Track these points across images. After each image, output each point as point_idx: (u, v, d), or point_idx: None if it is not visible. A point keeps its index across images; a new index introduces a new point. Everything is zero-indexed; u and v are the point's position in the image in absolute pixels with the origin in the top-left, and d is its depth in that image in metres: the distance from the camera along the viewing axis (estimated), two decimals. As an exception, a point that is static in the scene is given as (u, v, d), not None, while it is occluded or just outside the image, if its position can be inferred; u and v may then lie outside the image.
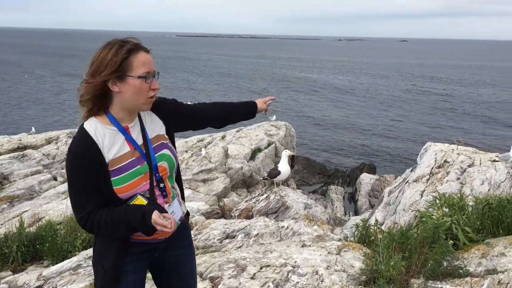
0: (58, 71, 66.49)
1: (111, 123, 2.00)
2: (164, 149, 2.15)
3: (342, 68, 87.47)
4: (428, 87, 57.78)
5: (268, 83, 60.02)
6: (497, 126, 34.04)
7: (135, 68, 1.93)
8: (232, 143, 14.49)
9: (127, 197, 2.00)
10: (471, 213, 4.30)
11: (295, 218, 6.96)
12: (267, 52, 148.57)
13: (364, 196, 15.80)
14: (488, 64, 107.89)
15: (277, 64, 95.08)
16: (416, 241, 3.76)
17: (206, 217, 7.84)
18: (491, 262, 3.60)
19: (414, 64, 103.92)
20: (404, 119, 36.76)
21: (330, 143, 28.89)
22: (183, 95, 47.03)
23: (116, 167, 1.96)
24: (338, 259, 3.97)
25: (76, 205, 1.97)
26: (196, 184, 11.52)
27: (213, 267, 4.02)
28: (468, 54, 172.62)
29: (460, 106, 42.84)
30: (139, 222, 1.93)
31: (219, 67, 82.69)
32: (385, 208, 9.03)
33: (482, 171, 7.93)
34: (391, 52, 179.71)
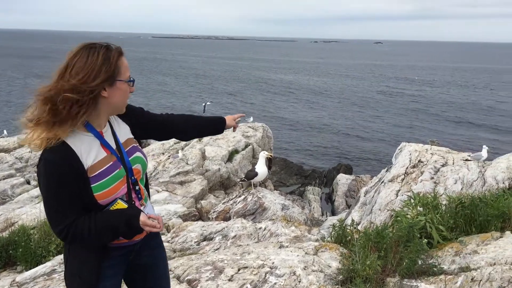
0: (27, 72, 65.19)
1: (86, 129, 1.95)
2: (137, 152, 2.16)
3: (317, 70, 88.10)
4: (402, 89, 58.66)
5: (244, 85, 59.99)
6: (469, 127, 34.78)
7: (122, 72, 1.93)
8: (209, 145, 14.44)
9: (108, 203, 1.97)
10: (445, 212, 4.38)
11: (273, 219, 6.98)
12: (243, 54, 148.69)
13: (340, 197, 15.94)
14: (461, 65, 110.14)
15: (254, 65, 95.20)
16: (391, 240, 3.81)
17: (183, 219, 7.80)
18: (465, 259, 3.68)
19: (388, 65, 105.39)
20: (379, 120, 37.24)
21: (307, 144, 29.06)
22: (157, 96, 46.75)
23: (96, 173, 1.92)
24: (315, 259, 3.99)
25: (55, 218, 1.89)
26: (173, 187, 11.44)
27: (191, 269, 4.00)
28: (441, 56, 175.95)
29: (433, 107, 43.60)
30: (125, 226, 1.92)
31: (194, 69, 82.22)
32: (361, 208, 9.13)
33: (455, 170, 8.09)
34: (366, 53, 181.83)
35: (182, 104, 42.34)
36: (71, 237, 1.89)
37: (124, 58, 1.96)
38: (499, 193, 5.08)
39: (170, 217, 7.87)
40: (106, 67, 1.86)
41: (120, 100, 1.98)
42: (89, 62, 1.85)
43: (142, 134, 2.30)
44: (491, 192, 5.65)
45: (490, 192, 5.45)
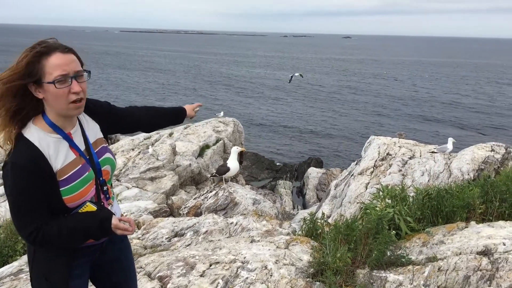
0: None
1: (53, 131, 1.89)
2: (106, 152, 2.12)
3: (286, 64, 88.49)
4: (370, 83, 59.54)
5: (212, 80, 59.74)
6: (435, 119, 35.59)
7: (47, 73, 1.78)
8: (180, 140, 14.33)
9: (76, 206, 1.94)
10: (412, 204, 4.48)
11: (244, 214, 6.98)
12: (211, 48, 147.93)
13: (311, 190, 16.10)
14: (428, 60, 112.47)
15: (223, 60, 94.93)
16: (361, 233, 3.87)
17: (154, 216, 7.72)
18: (431, 250, 3.76)
19: (357, 60, 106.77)
20: (349, 114, 37.72)
21: (278, 139, 29.20)
22: (110, 89, 46.06)
23: (65, 176, 1.88)
24: (287, 253, 4.02)
25: (22, 221, 1.83)
26: (144, 183, 11.32)
27: (162, 266, 3.97)
28: (408, 50, 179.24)
29: (401, 101, 44.43)
30: (97, 229, 1.90)
31: (155, 63, 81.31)
32: (332, 201, 9.24)
33: (422, 162, 8.27)
34: (335, 48, 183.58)
35: (135, 99, 41.72)
36: (40, 241, 1.85)
37: (54, 56, 1.79)
38: (464, 184, 5.22)
39: (141, 213, 7.78)
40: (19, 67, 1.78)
41: (54, 102, 1.84)
42: (17, 63, 1.79)
43: (110, 129, 2.26)
44: (457, 183, 5.81)
45: (456, 184, 5.60)
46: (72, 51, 1.87)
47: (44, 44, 1.81)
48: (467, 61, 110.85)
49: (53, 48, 1.81)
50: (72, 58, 1.85)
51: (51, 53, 1.79)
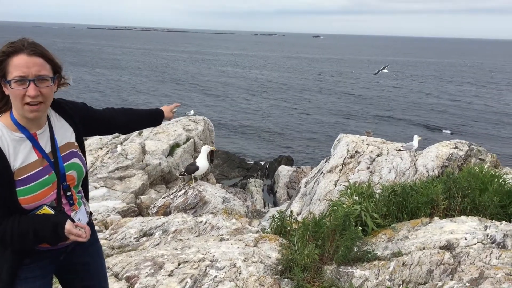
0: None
1: (17, 129, 1.87)
2: (74, 158, 2.08)
3: (256, 63, 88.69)
4: (339, 82, 60.26)
5: (188, 77, 59.38)
6: (402, 118, 36.30)
7: (9, 72, 1.81)
8: (149, 139, 14.18)
9: (32, 208, 1.90)
10: (379, 200, 4.56)
11: (214, 212, 6.98)
12: (180, 46, 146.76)
13: (282, 188, 16.18)
14: (394, 59, 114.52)
15: (191, 58, 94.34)
16: (328, 230, 3.92)
17: (122, 215, 7.63)
18: (396, 245, 3.85)
19: (326, 59, 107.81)
20: (317, 113, 38.06)
21: (249, 137, 29.24)
22: (73, 90, 45.23)
23: (22, 177, 1.85)
24: (256, 251, 4.04)
25: None
26: (112, 182, 11.15)
27: (129, 266, 3.93)
28: (375, 49, 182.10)
29: (368, 100, 45.14)
30: (49, 233, 1.86)
31: (121, 60, 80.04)
32: (301, 198, 9.31)
33: (389, 160, 8.43)
34: (304, 47, 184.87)
35: (97, 98, 41.09)
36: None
37: (18, 57, 1.81)
38: (428, 181, 5.34)
39: (109, 213, 7.68)
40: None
41: (13, 101, 1.85)
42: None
43: (86, 131, 2.23)
44: (422, 180, 5.94)
45: (421, 180, 5.73)
46: (41, 55, 1.86)
47: (11, 45, 1.82)
48: (432, 60, 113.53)
49: (18, 49, 1.82)
50: (36, 61, 1.83)
51: (16, 54, 1.80)
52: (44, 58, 1.87)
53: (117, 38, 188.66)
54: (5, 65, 1.80)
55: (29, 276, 2.02)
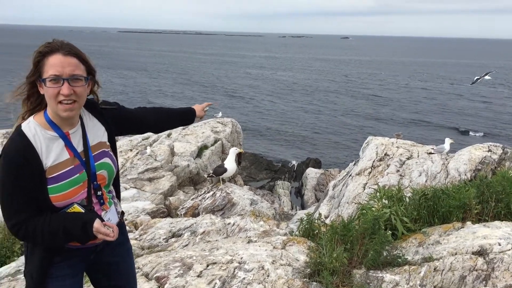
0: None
1: (50, 128, 1.92)
2: (105, 157, 2.11)
3: (283, 65, 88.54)
4: (368, 83, 59.62)
5: (215, 79, 59.77)
6: (433, 120, 35.63)
7: (44, 71, 1.86)
8: (178, 141, 14.33)
9: (63, 206, 1.94)
10: (409, 204, 4.49)
11: (241, 214, 7.00)
12: (208, 49, 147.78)
13: (310, 190, 16.11)
14: (425, 60, 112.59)
15: (222, 60, 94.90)
16: (357, 233, 3.88)
17: (151, 216, 7.73)
18: (427, 250, 3.78)
19: (355, 60, 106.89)
20: (347, 114, 37.76)
21: (277, 139, 29.22)
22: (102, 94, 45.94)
23: (54, 175, 1.89)
24: (283, 253, 4.03)
25: (9, 212, 1.86)
26: (142, 183, 11.32)
27: (159, 266, 3.98)
28: (405, 50, 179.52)
29: (398, 102, 44.50)
30: (79, 231, 1.89)
31: (150, 63, 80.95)
32: (329, 201, 9.25)
33: (420, 163, 8.28)
34: (333, 49, 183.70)
35: (118, 99, 41.78)
36: (23, 234, 1.87)
37: (54, 57, 1.86)
38: (460, 184, 5.23)
39: (138, 214, 7.79)
40: (33, 67, 1.88)
41: (48, 100, 1.90)
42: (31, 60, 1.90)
43: (119, 131, 2.27)
44: (453, 183, 5.82)
45: (452, 184, 5.61)
46: (76, 56, 1.91)
47: (48, 45, 1.89)
48: (461, 61, 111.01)
49: (54, 49, 1.87)
50: (71, 61, 1.88)
51: (52, 54, 1.86)
52: (78, 58, 1.92)
53: (145, 41, 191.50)
54: (41, 64, 1.86)
55: (60, 275, 2.06)
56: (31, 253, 2.01)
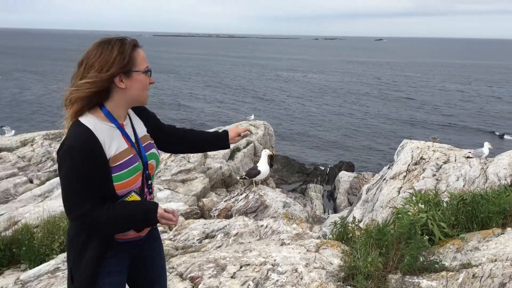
0: (31, 71, 65.35)
1: (108, 119, 1.99)
2: (153, 148, 2.21)
3: (317, 67, 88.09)
4: (403, 86, 58.63)
5: (244, 83, 59.98)
6: (470, 123, 34.74)
7: (139, 63, 1.98)
8: (211, 143, 14.44)
9: (123, 194, 2.00)
10: (446, 209, 4.39)
11: (274, 217, 6.99)
12: (243, 52, 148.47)
13: (342, 194, 15.96)
14: (461, 62, 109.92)
15: (254, 63, 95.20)
16: (392, 237, 3.82)
17: (185, 217, 7.81)
18: (466, 256, 3.68)
19: (390, 62, 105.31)
20: (381, 117, 37.24)
21: (309, 142, 29.08)
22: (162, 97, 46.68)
23: (118, 163, 1.96)
24: (317, 256, 4.00)
25: (75, 203, 1.89)
26: (175, 185, 11.46)
27: (193, 267, 4.02)
28: (440, 52, 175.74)
29: (436, 104, 43.59)
30: (141, 217, 1.96)
31: (182, 66, 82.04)
32: (363, 205, 9.14)
33: (457, 167, 8.09)
34: (367, 51, 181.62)
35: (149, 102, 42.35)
36: (89, 224, 1.91)
37: (140, 50, 2.01)
38: (500, 189, 5.08)
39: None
40: (119, 59, 1.92)
41: (138, 91, 2.01)
42: (103, 55, 1.92)
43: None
44: (493, 188, 5.66)
45: (492, 189, 5.45)
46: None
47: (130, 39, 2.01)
48: (499, 63, 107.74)
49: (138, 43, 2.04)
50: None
51: (138, 48, 2.02)
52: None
53: (179, 45, 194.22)
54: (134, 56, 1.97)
55: (111, 271, 2.11)
56: (81, 249, 2.03)
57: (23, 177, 12.23)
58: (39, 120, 32.87)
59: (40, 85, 49.56)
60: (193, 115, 37.40)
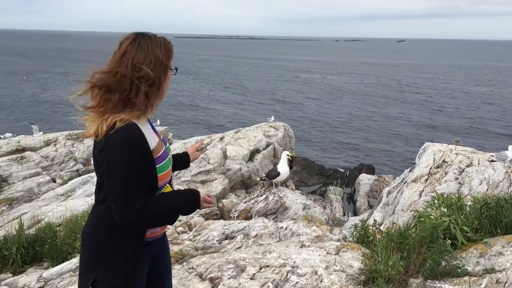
0: (53, 72, 66.57)
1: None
2: (167, 143, 2.25)
3: (337, 68, 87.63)
4: (425, 88, 57.91)
5: (263, 84, 60.02)
6: (495, 126, 34.11)
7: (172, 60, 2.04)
8: (230, 144, 14.49)
9: (161, 186, 2.05)
10: (469, 213, 4.32)
11: (294, 218, 6.98)
12: (261, 53, 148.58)
13: (363, 197, 15.83)
14: (484, 63, 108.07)
15: (274, 64, 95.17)
16: (414, 241, 3.77)
17: (205, 218, 7.85)
18: (489, 261, 3.62)
19: (411, 64, 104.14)
20: (402, 119, 36.84)
21: (329, 144, 28.93)
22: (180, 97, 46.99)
23: (158, 154, 2.00)
24: (337, 259, 3.98)
25: (129, 200, 1.85)
26: (195, 186, 11.52)
27: (213, 267, 4.03)
28: (463, 54, 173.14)
29: (458, 106, 42.94)
30: (190, 202, 2.05)
31: (202, 68, 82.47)
32: (383, 208, 9.06)
33: (481, 171, 7.96)
34: (389, 52, 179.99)
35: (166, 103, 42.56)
36: (145, 218, 1.88)
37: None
38: (525, 194, 4.97)
39: (192, 215, 7.93)
40: (168, 56, 1.99)
41: (166, 87, 2.05)
42: (154, 51, 1.94)
43: None
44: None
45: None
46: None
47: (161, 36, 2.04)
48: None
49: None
50: None
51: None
52: None
53: (199, 46, 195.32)
54: (173, 53, 2.05)
55: (143, 272, 2.12)
56: (115, 251, 1.99)
57: (46, 176, 12.46)
58: (59, 120, 33.38)
59: (62, 85, 50.38)
60: (212, 116, 37.58)
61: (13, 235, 5.97)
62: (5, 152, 14.44)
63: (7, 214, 8.71)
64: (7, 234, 6.06)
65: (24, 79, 57.13)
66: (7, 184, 11.99)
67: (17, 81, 55.43)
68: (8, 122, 32.60)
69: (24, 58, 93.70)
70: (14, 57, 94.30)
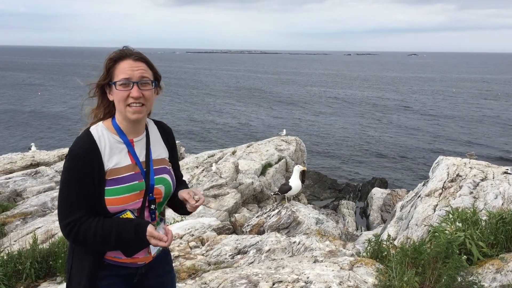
0: (66, 87, 67.53)
1: (117, 133, 1.98)
2: (165, 174, 2.10)
3: (349, 82, 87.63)
4: (439, 101, 57.59)
5: (275, 98, 60.16)
6: (507, 140, 33.70)
7: (115, 75, 1.94)
8: (242, 158, 14.51)
9: (116, 211, 1.92)
10: (485, 228, 4.27)
11: (307, 233, 6.94)
12: (273, 67, 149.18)
13: (376, 211, 15.71)
14: (497, 77, 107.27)
15: (284, 79, 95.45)
16: (429, 256, 3.73)
17: (217, 232, 7.83)
18: (506, 277, 3.56)
19: (424, 78, 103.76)
20: (415, 133, 36.61)
21: (341, 158, 28.81)
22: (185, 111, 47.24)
23: (114, 177, 1.91)
24: (351, 274, 3.95)
25: (64, 210, 1.86)
26: (207, 200, 11.54)
27: (225, 283, 4.02)
28: (476, 67, 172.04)
29: (471, 120, 42.59)
30: (131, 235, 1.86)
31: (211, 82, 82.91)
32: (397, 223, 8.97)
33: (496, 185, 7.86)
34: (401, 66, 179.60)
35: (179, 116, 42.74)
36: (74, 234, 1.85)
37: (125, 62, 1.94)
38: (542, 208, 4.91)
39: (205, 230, 7.92)
40: (105, 71, 1.97)
41: (117, 103, 1.96)
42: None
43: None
44: (534, 207, 5.47)
45: (533, 208, 5.27)
46: (145, 61, 2.00)
47: (119, 52, 1.98)
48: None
49: (125, 55, 1.97)
50: (140, 65, 1.97)
51: (123, 59, 1.95)
52: (147, 64, 2.01)
53: (211, 61, 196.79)
54: (113, 70, 1.95)
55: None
56: (80, 261, 1.97)
57: (60, 191, 12.54)
58: (74, 134, 33.68)
59: (76, 100, 51.07)
60: (223, 131, 37.68)
61: (27, 249, 6.01)
62: (20, 166, 14.60)
63: (21, 228, 8.79)
64: (21, 249, 6.10)
65: (39, 94, 58.03)
66: (21, 198, 12.11)
67: (32, 93, 56.39)
68: (26, 136, 33.06)
69: (44, 73, 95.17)
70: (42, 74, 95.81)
